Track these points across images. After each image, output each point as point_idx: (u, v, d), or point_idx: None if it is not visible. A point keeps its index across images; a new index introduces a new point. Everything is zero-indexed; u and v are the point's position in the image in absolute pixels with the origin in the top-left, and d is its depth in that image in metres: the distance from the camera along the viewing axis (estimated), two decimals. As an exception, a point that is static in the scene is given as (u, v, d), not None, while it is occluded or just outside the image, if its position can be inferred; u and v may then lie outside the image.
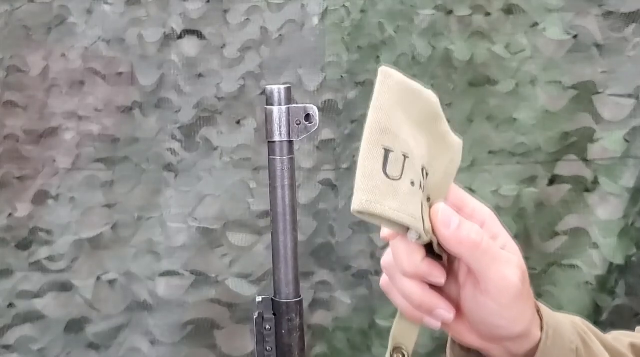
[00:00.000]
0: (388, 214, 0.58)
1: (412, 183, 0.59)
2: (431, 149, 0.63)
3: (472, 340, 0.65)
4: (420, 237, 0.60)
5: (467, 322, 0.64)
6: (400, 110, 0.61)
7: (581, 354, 0.66)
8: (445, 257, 0.62)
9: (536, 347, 0.64)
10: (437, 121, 0.64)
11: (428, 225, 0.60)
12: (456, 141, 0.66)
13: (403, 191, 0.59)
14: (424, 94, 0.63)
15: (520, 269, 0.62)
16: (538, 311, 0.66)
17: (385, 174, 0.58)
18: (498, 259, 0.61)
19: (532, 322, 0.64)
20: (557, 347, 0.65)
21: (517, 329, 0.63)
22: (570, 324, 0.68)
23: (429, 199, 0.62)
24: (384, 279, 0.64)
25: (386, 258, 0.62)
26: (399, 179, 0.59)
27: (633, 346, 0.73)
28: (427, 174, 0.62)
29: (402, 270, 0.60)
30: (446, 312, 0.63)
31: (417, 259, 0.60)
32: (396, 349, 0.64)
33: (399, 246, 0.60)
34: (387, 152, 0.59)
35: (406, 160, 0.59)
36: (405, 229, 0.59)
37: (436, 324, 0.63)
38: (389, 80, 0.61)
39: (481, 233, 0.61)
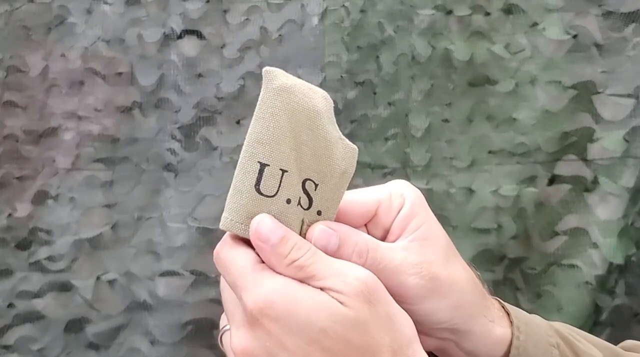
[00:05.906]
0: None
1: (288, 201, 0.56)
2: (321, 159, 0.59)
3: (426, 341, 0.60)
4: None
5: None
6: (285, 118, 0.57)
7: (564, 351, 0.60)
8: None
9: (508, 348, 0.59)
10: (327, 128, 0.61)
11: None
12: (350, 148, 0.62)
13: (276, 210, 0.56)
14: (314, 97, 0.60)
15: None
16: (503, 307, 0.62)
17: (258, 191, 0.56)
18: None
19: (481, 316, 0.59)
20: (532, 342, 0.60)
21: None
22: (543, 321, 0.63)
23: (320, 213, 0.59)
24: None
25: None
26: (273, 196, 0.56)
27: None
28: (316, 186, 0.58)
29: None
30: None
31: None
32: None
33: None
34: (262, 166, 0.57)
35: (284, 175, 0.57)
36: None
37: None
38: (272, 84, 0.58)
39: (365, 253, 0.57)
